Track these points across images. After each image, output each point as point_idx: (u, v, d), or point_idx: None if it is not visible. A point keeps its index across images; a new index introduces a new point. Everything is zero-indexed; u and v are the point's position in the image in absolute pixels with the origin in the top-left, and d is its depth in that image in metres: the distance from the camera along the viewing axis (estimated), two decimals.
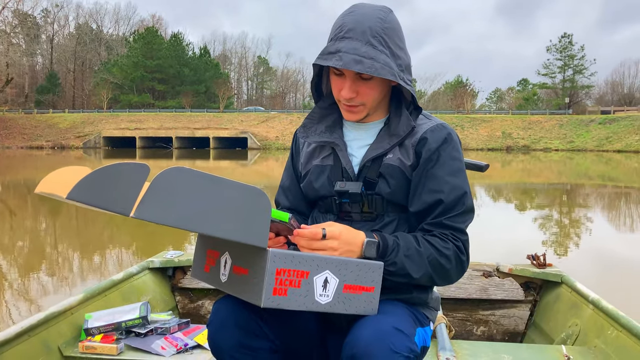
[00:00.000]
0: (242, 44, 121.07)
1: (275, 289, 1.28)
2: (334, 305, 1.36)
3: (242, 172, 26.33)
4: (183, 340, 2.38)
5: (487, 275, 3.17)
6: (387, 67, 1.46)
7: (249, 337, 1.45)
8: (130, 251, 7.20)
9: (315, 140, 1.67)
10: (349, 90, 1.51)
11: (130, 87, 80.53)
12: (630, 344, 2.22)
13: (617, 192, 16.85)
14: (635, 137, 49.76)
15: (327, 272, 1.35)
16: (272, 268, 1.27)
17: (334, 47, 1.47)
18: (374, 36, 1.47)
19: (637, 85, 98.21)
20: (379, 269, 1.42)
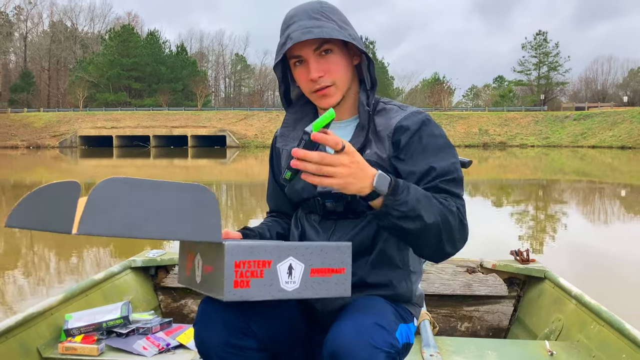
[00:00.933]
0: (219, 42, 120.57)
1: (236, 281, 1.28)
2: (303, 291, 1.35)
3: (220, 170, 26.21)
4: (165, 340, 2.36)
5: (470, 271, 3.18)
6: (336, 30, 1.49)
7: (236, 336, 1.45)
8: (109, 250, 7.13)
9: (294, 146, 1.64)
10: (315, 70, 1.52)
11: (106, 86, 79.69)
12: (612, 338, 2.24)
13: (592, 187, 17.09)
14: (609, 133, 50.54)
15: (290, 259, 1.34)
16: (230, 261, 1.27)
17: (284, 37, 1.52)
18: (315, 13, 1.52)
19: (610, 82, 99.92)
20: (347, 249, 1.40)
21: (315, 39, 1.50)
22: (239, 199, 14.28)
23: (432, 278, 3.15)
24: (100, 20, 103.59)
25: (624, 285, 5.62)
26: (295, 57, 1.54)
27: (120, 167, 28.26)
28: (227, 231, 1.56)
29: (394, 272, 1.60)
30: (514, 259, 3.21)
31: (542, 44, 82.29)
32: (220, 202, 13.19)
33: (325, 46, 1.52)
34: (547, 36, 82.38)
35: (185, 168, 27.67)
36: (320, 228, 1.64)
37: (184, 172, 24.92)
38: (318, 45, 1.51)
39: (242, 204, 13.04)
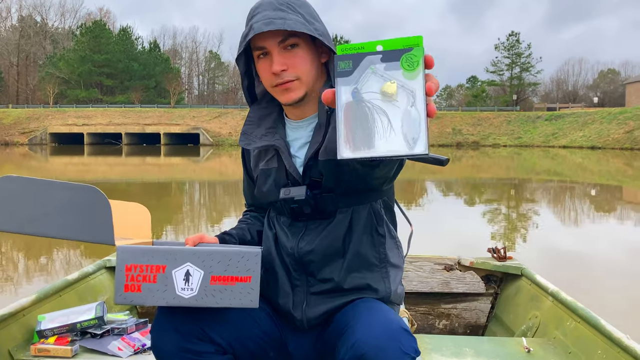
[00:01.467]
0: (192, 39, 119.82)
1: (127, 285, 1.26)
2: (202, 299, 1.30)
3: (194, 169, 26.02)
4: (141, 340, 2.33)
5: (448, 269, 3.19)
6: (299, 23, 1.43)
7: (190, 342, 1.42)
8: (79, 250, 7.02)
9: (257, 146, 1.61)
10: (278, 63, 1.46)
11: (77, 82, 78.50)
12: (587, 334, 2.27)
13: (563, 186, 17.36)
14: (579, 133, 51.36)
15: (187, 265, 1.30)
16: (121, 264, 1.25)
17: (247, 28, 1.46)
18: (281, 4, 1.46)
19: (580, 83, 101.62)
20: (254, 257, 1.34)
21: (280, 31, 1.44)
22: (212, 198, 14.18)
23: (410, 276, 3.16)
24: (71, 15, 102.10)
25: (591, 278, 5.74)
26: (259, 48, 1.49)
27: (92, 164, 27.88)
28: (202, 235, 1.53)
29: (371, 272, 1.57)
30: (491, 257, 3.23)
31: (514, 45, 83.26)
32: (193, 201, 13.10)
33: (290, 40, 1.47)
34: (519, 37, 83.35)
35: (158, 166, 27.41)
36: (289, 232, 1.59)
37: (156, 170, 24.68)
38: (283, 38, 1.46)
39: (216, 203, 12.96)
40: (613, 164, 28.04)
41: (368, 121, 0.89)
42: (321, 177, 1.53)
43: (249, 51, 1.56)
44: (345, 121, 0.89)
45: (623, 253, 7.17)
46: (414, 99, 0.88)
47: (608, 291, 5.28)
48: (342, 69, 0.91)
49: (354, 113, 0.89)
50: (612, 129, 48.10)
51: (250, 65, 1.64)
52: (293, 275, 1.59)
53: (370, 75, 0.90)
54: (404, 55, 0.89)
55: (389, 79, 0.89)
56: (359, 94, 0.90)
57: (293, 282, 1.59)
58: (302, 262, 1.56)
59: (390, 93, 0.89)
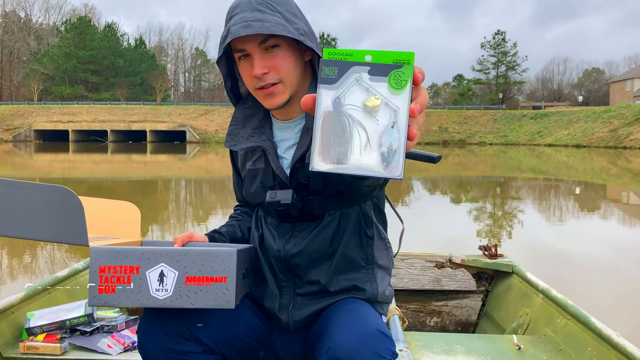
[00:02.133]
0: (179, 35, 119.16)
1: (101, 287, 1.26)
2: (177, 300, 1.29)
3: (180, 166, 25.91)
4: (131, 338, 2.33)
5: (439, 266, 3.20)
6: (280, 25, 1.38)
7: (176, 342, 1.41)
8: (64, 248, 6.98)
9: (243, 147, 1.58)
10: (259, 66, 1.42)
11: (62, 79, 77.95)
12: (578, 331, 2.28)
13: (548, 184, 17.50)
14: (564, 131, 51.78)
15: (162, 265, 1.28)
16: (94, 266, 1.25)
17: (225, 30, 1.42)
18: (259, 4, 1.41)
19: (565, 82, 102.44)
20: (229, 257, 1.31)
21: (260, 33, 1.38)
22: (198, 195, 14.13)
23: (401, 273, 3.16)
24: (55, 11, 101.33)
25: (573, 272, 5.82)
26: (239, 50, 1.44)
27: (77, 162, 27.67)
28: (192, 234, 1.51)
29: (358, 273, 1.55)
30: (483, 254, 3.23)
31: (500, 44, 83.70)
32: (179, 199, 13.05)
33: (270, 41, 1.41)
34: (505, 36, 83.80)
35: (144, 163, 27.28)
36: (276, 233, 1.57)
37: (142, 167, 24.57)
38: (263, 40, 1.41)
39: (202, 200, 12.91)
40: (597, 162, 28.29)
41: (345, 134, 0.83)
42: (308, 179, 1.51)
43: (229, 52, 1.53)
44: (322, 131, 0.84)
45: (605, 249, 7.25)
46: (397, 119, 0.83)
47: (591, 286, 5.34)
48: (327, 75, 0.86)
49: (332, 124, 0.84)
50: (596, 128, 48.56)
51: (232, 66, 1.61)
52: (279, 276, 1.57)
53: (355, 86, 0.85)
54: (392, 72, 0.84)
55: (374, 94, 0.84)
56: (340, 105, 0.85)
57: (280, 283, 1.57)
58: (288, 265, 1.55)
59: (372, 108, 0.84)
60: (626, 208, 11.82)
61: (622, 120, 47.01)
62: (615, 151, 39.07)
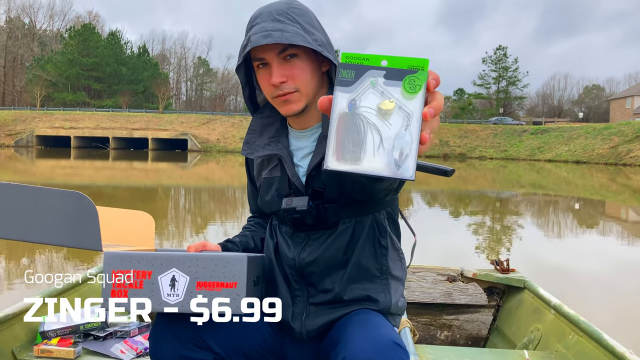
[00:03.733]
0: (181, 44, 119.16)
1: (114, 291, 1.27)
2: (187, 305, 1.30)
3: (181, 174, 25.94)
4: (143, 344, 2.35)
5: (451, 280, 3.18)
6: (299, 36, 1.40)
7: (188, 349, 1.42)
8: (80, 254, 7.02)
9: (259, 155, 1.59)
10: (277, 75, 1.44)
11: (64, 85, 77.95)
12: (590, 348, 2.26)
13: (547, 200, 17.54)
14: (564, 147, 51.78)
15: (173, 270, 1.30)
16: (107, 270, 1.26)
17: (245, 39, 1.44)
18: (280, 14, 1.43)
19: (566, 98, 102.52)
20: (240, 262, 1.32)
21: (279, 43, 1.41)
22: (197, 204, 14.17)
23: (412, 286, 3.14)
24: (59, 18, 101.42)
25: (576, 285, 5.84)
26: (259, 59, 1.47)
27: (79, 168, 27.71)
28: (205, 243, 1.51)
29: (372, 283, 1.55)
30: (494, 269, 3.21)
31: (502, 59, 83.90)
32: (178, 206, 13.08)
33: (289, 50, 1.43)
34: (506, 51, 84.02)
35: (145, 171, 27.31)
36: (291, 242, 1.57)
37: (143, 175, 24.59)
38: (282, 49, 1.43)
39: (201, 209, 12.95)
40: (597, 179, 28.30)
41: (360, 136, 0.86)
42: (324, 187, 1.51)
43: (248, 60, 1.55)
44: (337, 132, 0.87)
45: (603, 262, 7.30)
46: (409, 122, 0.86)
47: (592, 299, 5.38)
48: (344, 77, 0.89)
49: (347, 125, 0.87)
50: (596, 144, 48.56)
51: (251, 74, 1.62)
52: (293, 285, 1.57)
53: (370, 89, 0.88)
54: (407, 77, 0.88)
55: (388, 97, 0.87)
56: (356, 107, 0.87)
57: (293, 292, 1.57)
58: (303, 273, 1.55)
59: (386, 111, 0.87)
60: (625, 225, 11.86)
61: (622, 137, 47.03)
62: (615, 168, 39.07)
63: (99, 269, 3.02)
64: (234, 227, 9.34)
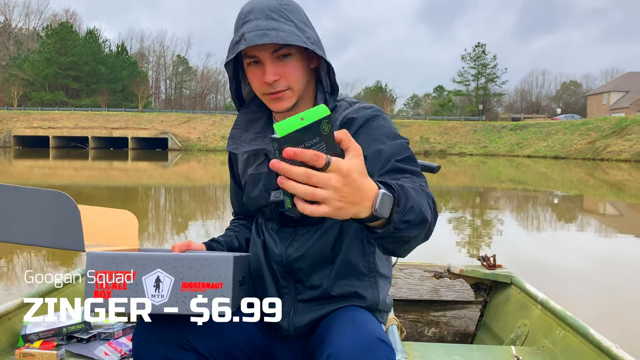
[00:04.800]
0: (160, 42, 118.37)
1: (97, 292, 1.24)
2: (172, 306, 1.29)
3: (161, 173, 25.78)
4: (128, 345, 2.32)
5: (438, 277, 3.18)
6: (294, 35, 1.40)
7: (173, 351, 1.40)
8: (62, 256, 6.96)
9: (246, 151, 1.59)
10: (271, 73, 1.44)
11: (42, 84, 76.98)
12: (576, 343, 2.26)
13: (527, 195, 17.73)
14: (543, 143, 52.34)
15: (158, 271, 1.28)
16: (90, 271, 1.24)
17: (238, 35, 1.42)
18: (272, 11, 1.42)
19: (543, 95, 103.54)
20: (225, 263, 1.31)
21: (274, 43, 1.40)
22: (178, 203, 14.10)
23: (400, 283, 3.14)
24: (36, 16, 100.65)
25: (554, 276, 5.94)
26: (251, 57, 1.45)
27: (57, 168, 27.40)
28: (190, 242, 1.49)
29: (360, 280, 1.54)
30: (481, 265, 3.20)
31: (480, 56, 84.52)
32: (159, 206, 13.01)
33: (283, 50, 1.43)
34: (485, 48, 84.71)
35: (125, 171, 27.10)
36: (278, 238, 1.57)
37: (123, 174, 24.41)
38: (276, 48, 1.42)
39: (182, 208, 12.89)
40: (575, 174, 28.65)
41: None
42: None
43: (238, 56, 1.52)
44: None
45: (577, 254, 7.41)
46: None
47: (572, 293, 5.45)
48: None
49: None
50: (574, 140, 49.15)
51: (237, 69, 1.60)
52: (281, 282, 1.56)
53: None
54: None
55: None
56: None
57: (281, 290, 1.56)
58: (290, 269, 1.54)
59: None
60: (602, 219, 12.04)
61: (599, 132, 47.66)
62: (593, 163, 39.57)
63: (82, 271, 2.98)
64: (215, 226, 9.32)
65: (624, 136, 44.48)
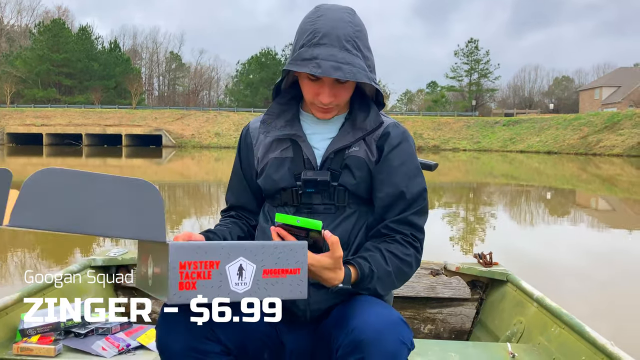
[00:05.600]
0: (153, 39, 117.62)
1: (182, 283, 1.22)
2: (255, 293, 1.30)
3: (156, 170, 25.73)
4: (125, 340, 2.32)
5: (434, 274, 3.18)
6: (363, 72, 1.50)
7: (199, 341, 1.43)
8: (68, 247, 6.97)
9: (276, 135, 1.68)
10: (329, 96, 1.55)
11: (35, 82, 76.54)
12: (572, 340, 2.28)
13: (519, 190, 17.81)
14: (536, 138, 52.48)
15: (240, 259, 1.28)
16: (174, 262, 1.21)
17: (309, 54, 1.48)
18: (347, 41, 1.50)
19: (536, 90, 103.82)
20: (301, 249, 1.35)
21: None
22: (172, 200, 14.08)
23: None
24: (28, 13, 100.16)
25: (549, 272, 5.96)
26: (313, 76, 1.54)
27: (51, 165, 27.18)
28: (190, 233, 1.51)
29: None
30: (477, 262, 3.24)
31: (473, 52, 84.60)
32: None
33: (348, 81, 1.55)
34: (478, 44, 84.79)
35: (119, 167, 27.02)
36: None
37: (117, 171, 24.20)
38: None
39: (177, 205, 12.89)
40: (568, 169, 28.76)
41: None
42: (340, 170, 1.61)
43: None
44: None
45: (570, 249, 7.46)
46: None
47: (566, 288, 5.48)
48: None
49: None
50: (567, 135, 49.32)
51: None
52: None
53: None
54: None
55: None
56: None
57: None
58: None
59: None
60: (595, 213, 12.12)
61: (591, 127, 47.83)
62: (586, 158, 39.71)
63: (80, 266, 2.99)
64: (209, 222, 9.34)
65: (616, 131, 44.67)
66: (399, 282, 1.57)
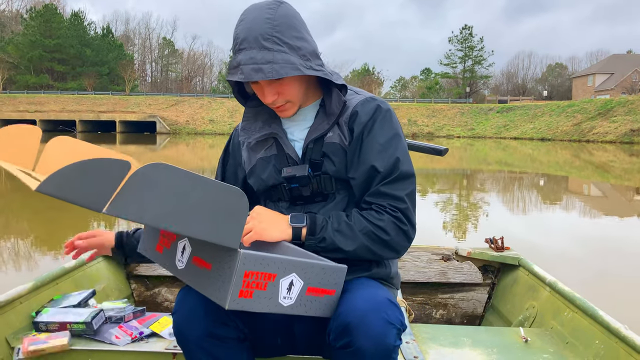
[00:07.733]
0: (146, 25, 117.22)
1: (242, 291, 1.24)
2: (296, 307, 1.34)
3: (150, 157, 25.66)
4: (138, 328, 2.30)
5: (446, 259, 3.18)
6: (288, 65, 1.47)
7: (217, 326, 1.45)
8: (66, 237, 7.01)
9: (256, 137, 1.69)
10: (269, 95, 1.55)
11: (27, 67, 76.08)
12: (585, 324, 2.26)
13: (512, 176, 17.89)
14: (529, 125, 52.57)
15: (293, 275, 1.32)
16: (241, 270, 1.23)
17: (235, 61, 1.49)
18: (266, 39, 1.47)
19: (530, 77, 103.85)
20: (341, 272, 1.40)
21: None
22: None
23: (407, 266, 3.15)
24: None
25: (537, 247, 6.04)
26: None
27: None
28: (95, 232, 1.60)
29: None
30: (489, 247, 3.22)
31: (467, 38, 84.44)
32: None
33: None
34: (472, 30, 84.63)
35: None
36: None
37: None
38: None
39: None
40: (561, 155, 28.80)
41: None
42: (321, 159, 1.62)
43: None
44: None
45: (564, 234, 7.57)
46: None
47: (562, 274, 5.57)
48: None
49: None
50: (560, 122, 49.44)
51: None
52: None
53: None
54: None
55: None
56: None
57: None
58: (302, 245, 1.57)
59: None
60: (587, 199, 12.24)
61: (585, 114, 47.96)
62: (579, 144, 39.80)
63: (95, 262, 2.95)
64: None
65: (609, 118, 44.83)
66: (374, 245, 1.52)
